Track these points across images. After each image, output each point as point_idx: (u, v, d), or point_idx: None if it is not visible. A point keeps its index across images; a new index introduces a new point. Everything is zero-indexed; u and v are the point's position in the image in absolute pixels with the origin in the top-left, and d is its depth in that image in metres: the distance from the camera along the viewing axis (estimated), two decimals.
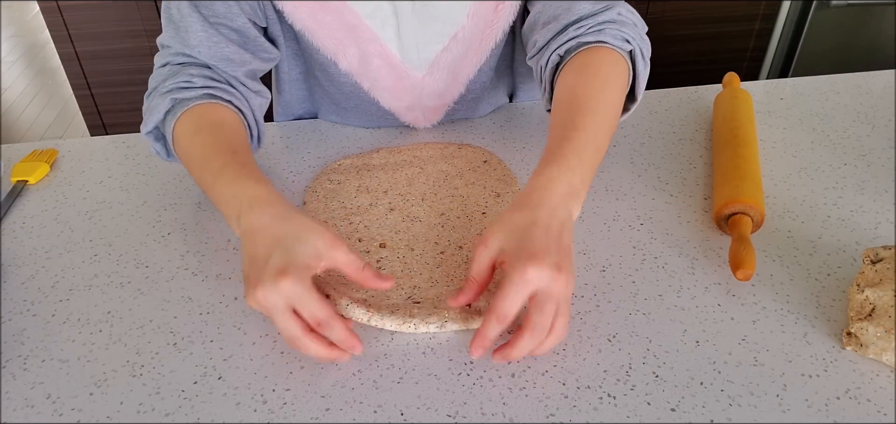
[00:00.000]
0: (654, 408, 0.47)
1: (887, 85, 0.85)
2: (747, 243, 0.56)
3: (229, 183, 0.57)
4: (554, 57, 0.66)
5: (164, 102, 0.64)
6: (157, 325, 0.55)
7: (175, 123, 0.63)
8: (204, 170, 0.60)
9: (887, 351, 0.49)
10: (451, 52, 0.74)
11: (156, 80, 0.66)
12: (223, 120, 0.64)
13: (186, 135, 0.62)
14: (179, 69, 0.65)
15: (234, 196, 0.55)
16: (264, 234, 0.52)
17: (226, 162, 0.58)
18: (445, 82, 0.77)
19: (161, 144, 0.68)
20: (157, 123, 0.65)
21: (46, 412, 0.49)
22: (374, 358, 0.52)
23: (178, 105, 0.63)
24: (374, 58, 0.73)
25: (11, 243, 0.65)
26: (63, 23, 1.65)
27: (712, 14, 1.75)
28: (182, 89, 0.64)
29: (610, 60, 0.63)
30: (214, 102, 0.65)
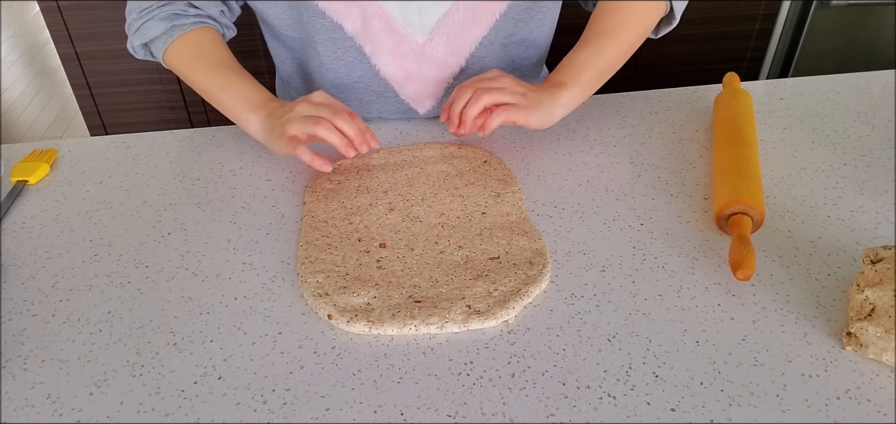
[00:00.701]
0: (654, 408, 0.47)
1: (887, 85, 0.85)
2: (747, 244, 0.56)
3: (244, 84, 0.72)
4: None
5: (162, 25, 0.74)
6: (157, 325, 0.55)
7: (171, 43, 0.74)
8: (212, 78, 0.73)
9: (887, 351, 0.49)
10: (452, 16, 0.75)
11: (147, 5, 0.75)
12: (218, 40, 0.77)
13: (190, 50, 0.75)
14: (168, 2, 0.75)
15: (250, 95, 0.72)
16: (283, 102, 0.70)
17: (236, 71, 0.74)
18: (446, 51, 0.77)
19: (143, 49, 0.77)
20: (153, 39, 0.75)
21: (46, 412, 0.49)
22: (374, 358, 0.52)
23: (175, 28, 0.74)
24: (374, 19, 0.75)
25: (11, 243, 0.65)
26: (63, 23, 1.65)
27: (712, 14, 1.74)
28: (178, 16, 0.75)
29: None
30: (205, 26, 0.76)
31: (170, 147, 0.78)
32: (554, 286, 0.57)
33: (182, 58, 0.75)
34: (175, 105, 1.82)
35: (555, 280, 0.58)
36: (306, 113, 0.66)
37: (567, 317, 0.54)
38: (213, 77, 0.73)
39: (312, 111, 0.66)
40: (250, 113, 0.70)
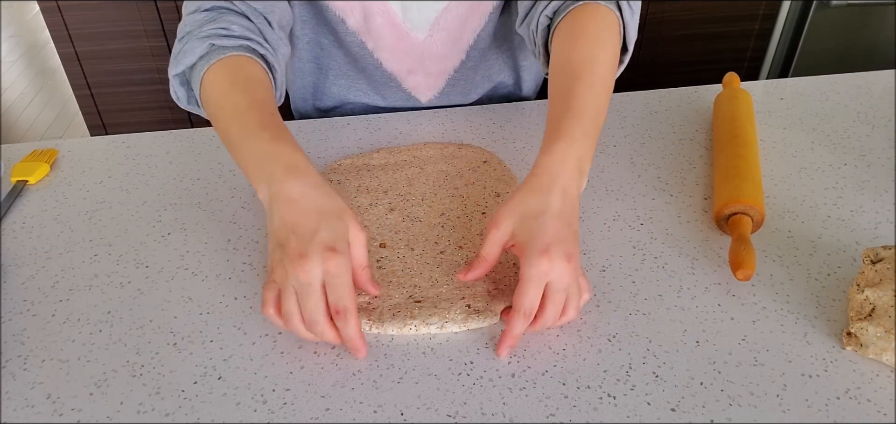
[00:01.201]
0: (654, 408, 0.47)
1: (887, 85, 0.85)
2: (747, 244, 0.56)
3: (266, 144, 0.54)
4: (542, 19, 0.66)
5: (200, 46, 0.62)
6: (157, 325, 0.55)
7: (208, 69, 0.61)
8: (236, 125, 0.57)
9: (887, 351, 0.49)
10: (451, 12, 0.76)
11: (191, 24, 0.64)
12: (259, 78, 0.62)
13: (220, 84, 0.60)
14: (217, 16, 0.63)
15: (269, 158, 0.53)
16: (306, 203, 0.51)
17: (263, 122, 0.56)
18: (446, 47, 0.78)
19: (184, 89, 0.66)
20: (189, 66, 0.63)
21: (46, 412, 0.49)
22: (374, 358, 0.52)
23: (214, 51, 0.62)
24: (376, 16, 0.75)
25: (11, 243, 0.65)
26: (63, 23, 1.65)
27: (712, 14, 1.74)
28: (221, 36, 0.62)
29: (598, 17, 0.62)
30: (250, 56, 0.63)
31: (170, 147, 0.78)
32: None
33: (218, 88, 0.60)
34: (175, 105, 1.82)
35: None
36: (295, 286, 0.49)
37: None
38: (234, 126, 0.57)
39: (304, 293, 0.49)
40: (262, 185, 0.53)
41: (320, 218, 0.50)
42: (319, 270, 0.48)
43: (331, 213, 0.50)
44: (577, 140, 0.54)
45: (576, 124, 0.55)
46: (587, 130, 0.56)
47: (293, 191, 0.51)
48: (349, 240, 0.51)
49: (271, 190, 0.52)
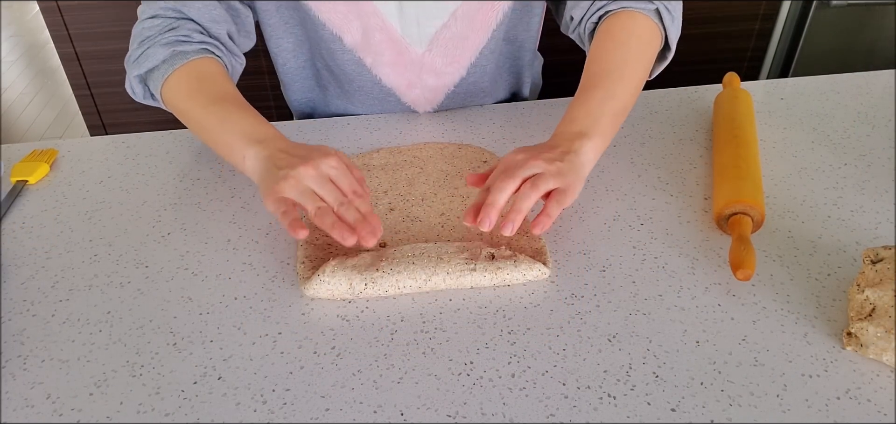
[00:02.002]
0: (654, 408, 0.47)
1: (887, 85, 0.85)
2: (747, 244, 0.56)
3: (246, 118, 0.63)
4: (589, 26, 0.72)
5: (164, 51, 0.68)
6: (157, 325, 0.55)
7: (172, 73, 0.67)
8: (215, 111, 0.65)
9: (887, 351, 0.49)
10: (450, 29, 0.76)
11: (149, 30, 0.69)
12: (222, 71, 0.70)
13: (187, 82, 0.67)
14: (176, 24, 0.69)
15: (253, 128, 0.62)
16: (294, 145, 0.60)
17: (238, 105, 0.65)
18: (445, 62, 0.78)
19: (141, 86, 0.71)
20: (151, 68, 0.69)
21: (46, 412, 0.49)
22: (374, 358, 0.52)
23: (177, 56, 0.68)
24: (375, 32, 0.75)
25: (11, 243, 0.65)
26: (63, 23, 1.65)
27: (712, 14, 1.74)
28: (182, 43, 0.68)
29: (632, 22, 0.68)
30: (211, 57, 0.70)
31: (170, 147, 0.78)
32: (554, 286, 0.57)
33: (180, 92, 0.67)
34: None
35: (555, 280, 0.58)
36: (310, 183, 0.56)
37: (567, 317, 0.54)
38: (210, 111, 0.65)
39: (317, 186, 0.56)
40: (249, 147, 0.61)
41: (308, 146, 0.60)
42: (325, 166, 0.57)
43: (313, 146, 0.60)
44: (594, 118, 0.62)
45: (596, 106, 0.63)
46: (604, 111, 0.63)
47: (281, 144, 0.60)
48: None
49: (261, 146, 0.60)
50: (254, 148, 0.60)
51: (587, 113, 0.62)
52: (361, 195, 0.57)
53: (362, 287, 0.56)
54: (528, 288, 0.57)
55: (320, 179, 0.56)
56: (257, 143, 0.60)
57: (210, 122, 0.65)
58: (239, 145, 0.62)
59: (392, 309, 0.56)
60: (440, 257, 0.57)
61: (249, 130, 0.62)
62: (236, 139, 0.62)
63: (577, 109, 0.63)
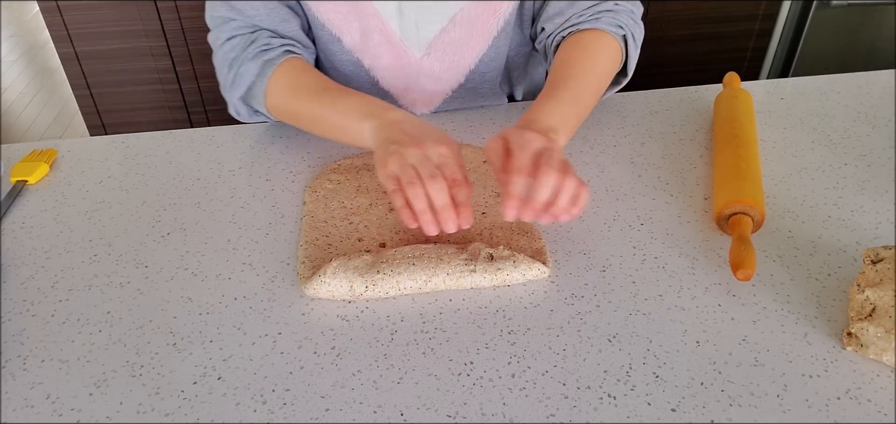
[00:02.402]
0: (654, 409, 0.47)
1: (887, 85, 0.85)
2: (747, 244, 0.56)
3: (352, 98, 0.67)
4: (557, 38, 0.75)
5: (254, 65, 0.71)
6: (156, 325, 0.55)
7: (269, 80, 0.71)
8: (316, 103, 0.69)
9: (887, 351, 0.49)
10: (449, 34, 0.76)
11: (232, 51, 0.72)
12: (308, 67, 0.73)
13: (286, 84, 0.71)
14: (252, 37, 0.72)
15: (361, 104, 0.66)
16: (412, 120, 0.62)
17: (340, 89, 0.69)
18: (443, 66, 0.78)
19: (245, 107, 0.75)
20: (248, 87, 0.72)
21: (46, 412, 0.49)
22: (374, 359, 0.52)
23: (268, 65, 0.71)
24: (374, 33, 0.76)
25: (11, 243, 0.65)
26: (63, 23, 1.65)
27: (712, 14, 1.74)
28: (265, 52, 0.71)
29: (601, 40, 0.72)
30: (294, 56, 0.73)
31: (170, 147, 0.78)
32: (554, 285, 0.57)
33: (283, 96, 0.71)
34: (175, 105, 1.82)
35: (555, 280, 0.58)
36: (413, 161, 0.57)
37: (567, 317, 0.54)
38: (317, 102, 0.68)
39: (419, 164, 0.56)
40: (363, 123, 0.64)
41: (428, 126, 0.61)
42: (434, 151, 0.57)
43: (434, 126, 0.62)
44: (557, 107, 0.64)
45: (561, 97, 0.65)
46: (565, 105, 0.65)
47: (397, 115, 0.63)
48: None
49: (377, 119, 0.63)
50: (368, 122, 0.63)
51: (558, 109, 0.64)
52: (461, 184, 0.57)
53: (363, 289, 0.56)
54: (528, 288, 0.57)
55: (425, 159, 0.57)
56: (370, 117, 0.63)
57: (321, 112, 0.68)
58: (354, 124, 0.65)
59: (392, 309, 0.56)
60: (440, 258, 0.57)
61: (359, 106, 0.65)
62: (350, 120, 0.65)
63: (549, 104, 0.64)
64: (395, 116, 0.63)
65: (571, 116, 0.65)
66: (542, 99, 0.65)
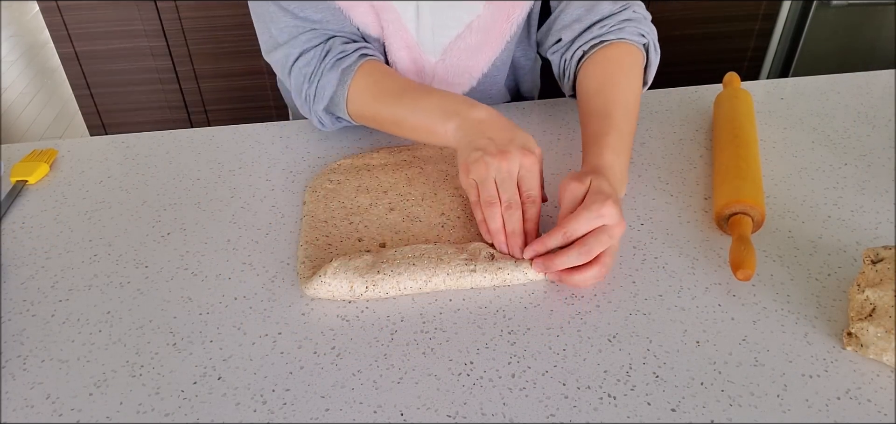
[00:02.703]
0: (654, 409, 0.47)
1: (887, 85, 0.85)
2: (748, 244, 0.56)
3: (438, 97, 0.66)
4: (578, 52, 0.73)
5: (332, 75, 0.71)
6: (156, 325, 0.55)
7: (349, 88, 0.71)
8: (402, 103, 0.67)
9: (888, 352, 0.49)
10: (465, 40, 0.76)
11: (308, 65, 0.72)
12: (384, 68, 0.73)
13: (367, 89, 0.70)
14: (325, 46, 0.72)
15: (447, 102, 0.65)
16: (499, 122, 0.61)
17: (423, 89, 0.68)
18: (457, 72, 0.78)
19: (329, 116, 0.74)
20: (330, 97, 0.72)
21: (46, 412, 0.49)
22: (374, 358, 0.52)
23: (346, 72, 0.71)
24: (394, 36, 0.76)
25: (11, 243, 0.65)
26: (62, 23, 1.65)
27: (712, 14, 1.74)
28: (341, 59, 0.71)
29: (630, 54, 0.71)
30: (367, 58, 0.72)
31: (169, 147, 0.78)
32: (554, 286, 0.57)
33: (365, 101, 0.70)
34: (175, 105, 1.82)
35: (555, 280, 0.58)
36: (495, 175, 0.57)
37: (567, 317, 0.54)
38: (399, 104, 0.68)
39: (501, 179, 0.57)
40: (447, 123, 0.63)
41: (513, 130, 0.60)
42: (517, 163, 0.57)
43: (516, 126, 0.61)
44: (618, 152, 0.62)
45: (616, 138, 0.63)
46: (623, 144, 0.64)
47: (484, 115, 0.62)
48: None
49: (461, 118, 0.62)
50: (452, 122, 0.63)
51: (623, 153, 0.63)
52: (535, 202, 0.58)
53: (363, 289, 0.56)
54: (528, 288, 0.57)
55: (508, 176, 0.57)
56: (454, 116, 0.63)
57: (403, 113, 0.67)
58: (438, 124, 0.64)
59: (392, 309, 0.56)
60: (440, 258, 0.57)
61: (441, 105, 0.65)
62: (433, 119, 0.64)
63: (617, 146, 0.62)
64: (480, 115, 0.62)
65: (627, 156, 0.64)
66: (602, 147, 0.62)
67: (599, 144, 0.63)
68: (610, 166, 0.60)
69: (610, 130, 0.63)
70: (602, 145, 0.62)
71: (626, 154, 0.64)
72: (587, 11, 0.73)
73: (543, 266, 0.56)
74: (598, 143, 0.63)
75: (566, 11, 0.74)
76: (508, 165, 0.57)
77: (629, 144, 0.65)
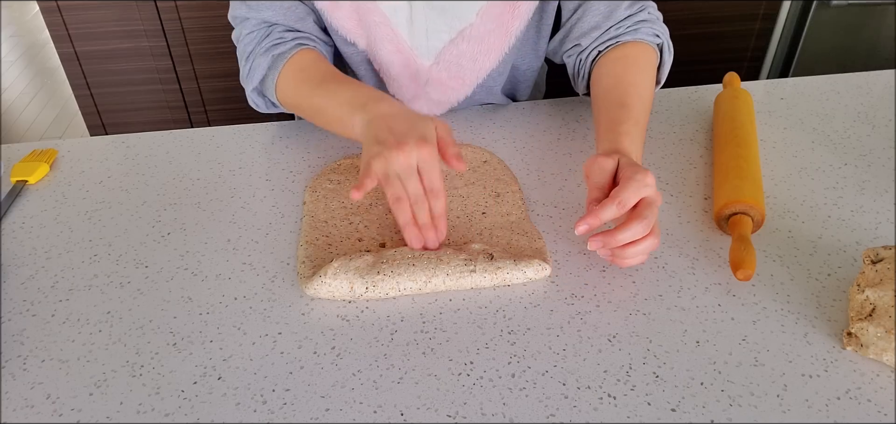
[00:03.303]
0: (654, 408, 0.47)
1: (887, 85, 0.85)
2: (747, 244, 0.56)
3: (352, 90, 0.66)
4: (594, 52, 0.75)
5: (265, 59, 0.73)
6: (157, 325, 0.55)
7: (279, 74, 0.72)
8: (320, 93, 0.69)
9: (887, 352, 0.49)
10: (458, 46, 0.76)
11: (249, 44, 0.74)
12: (319, 57, 0.74)
13: (293, 78, 0.72)
14: (268, 30, 0.74)
15: (358, 96, 0.65)
16: (398, 114, 0.61)
17: (338, 80, 0.69)
18: (451, 77, 0.78)
19: (262, 98, 0.77)
20: (261, 79, 0.74)
21: (46, 412, 0.49)
22: (374, 358, 0.52)
23: (278, 59, 0.72)
24: (385, 42, 0.76)
25: (11, 243, 0.65)
26: (63, 23, 1.65)
27: (712, 14, 1.74)
28: (277, 45, 0.73)
29: (645, 53, 0.73)
30: (305, 48, 0.74)
31: (170, 147, 0.78)
32: (554, 285, 0.57)
33: (289, 88, 0.72)
34: (175, 105, 1.82)
35: (555, 280, 0.58)
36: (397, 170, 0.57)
37: (567, 317, 0.54)
38: (318, 94, 0.69)
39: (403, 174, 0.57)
40: (354, 116, 0.63)
41: (411, 120, 0.60)
42: (415, 156, 0.57)
43: (418, 117, 0.60)
44: (633, 140, 0.62)
45: (633, 127, 0.63)
46: (638, 134, 0.64)
47: (387, 108, 0.62)
48: (436, 131, 0.60)
49: (367, 113, 0.62)
50: (358, 115, 0.63)
51: (638, 138, 0.64)
52: (437, 195, 0.58)
53: (363, 290, 0.56)
54: (528, 288, 0.57)
55: (408, 169, 0.57)
56: (361, 109, 0.63)
57: (321, 102, 0.68)
58: (347, 116, 0.64)
59: (392, 309, 0.56)
60: (440, 259, 0.57)
61: (352, 98, 0.65)
62: (345, 111, 0.65)
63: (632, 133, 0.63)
64: (384, 109, 0.62)
65: (642, 146, 0.64)
66: (618, 137, 0.62)
67: (615, 131, 0.63)
68: (627, 153, 0.60)
69: (626, 118, 0.64)
70: (618, 132, 0.62)
71: (640, 145, 0.64)
72: (605, 18, 0.73)
73: (603, 243, 0.55)
74: (614, 130, 0.63)
75: (584, 19, 0.75)
76: (406, 158, 0.57)
77: (642, 138, 0.65)
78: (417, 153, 0.57)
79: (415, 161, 0.57)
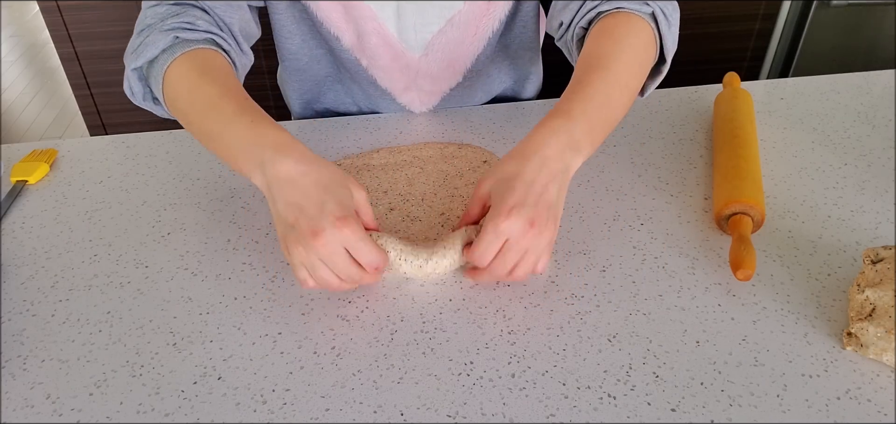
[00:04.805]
0: (654, 408, 0.47)
1: (887, 85, 0.85)
2: (747, 244, 0.56)
3: (248, 128, 0.54)
4: (578, 31, 0.67)
5: (164, 38, 0.60)
6: (156, 325, 0.55)
7: (172, 62, 0.59)
8: (213, 115, 0.56)
9: (887, 352, 0.49)
10: (446, 35, 0.76)
11: (152, 17, 0.62)
12: (227, 68, 0.61)
13: (188, 76, 0.59)
14: (181, 10, 0.62)
15: (255, 142, 0.54)
16: (305, 180, 0.52)
17: (241, 107, 0.56)
18: (441, 67, 0.78)
19: (141, 85, 0.64)
20: (150, 60, 0.61)
21: (46, 412, 0.49)
22: (374, 358, 0.52)
23: (178, 44, 0.60)
24: (372, 36, 0.75)
25: (11, 243, 0.65)
26: (63, 23, 1.65)
27: (712, 14, 1.74)
28: (185, 29, 0.61)
29: (627, 23, 0.62)
30: (216, 49, 0.62)
31: (170, 147, 0.78)
32: (554, 285, 0.57)
33: (182, 86, 0.59)
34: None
35: (555, 280, 0.58)
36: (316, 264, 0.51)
37: (567, 317, 0.54)
38: (214, 113, 0.56)
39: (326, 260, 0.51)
40: (255, 172, 0.54)
41: (323, 191, 0.51)
42: (337, 241, 0.50)
43: (330, 183, 0.52)
44: (574, 118, 0.55)
45: (577, 105, 0.56)
46: (589, 112, 0.56)
47: (289, 170, 0.52)
48: (354, 203, 0.54)
49: (267, 174, 0.53)
50: (258, 173, 0.53)
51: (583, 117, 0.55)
52: (378, 269, 0.53)
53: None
54: (528, 288, 0.57)
55: (330, 256, 0.50)
56: (260, 167, 0.53)
57: (213, 128, 0.56)
58: (243, 163, 0.54)
59: (392, 309, 0.56)
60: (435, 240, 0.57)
61: (252, 145, 0.54)
62: (240, 157, 0.54)
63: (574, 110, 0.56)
64: (285, 169, 0.52)
65: (598, 123, 0.56)
66: (557, 111, 0.56)
67: (555, 110, 0.56)
68: (550, 133, 0.54)
69: (573, 94, 0.57)
70: (556, 111, 0.56)
71: (590, 119, 0.56)
72: None
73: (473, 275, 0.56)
74: (555, 109, 0.57)
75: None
76: (326, 248, 0.49)
77: (598, 110, 0.57)
78: (339, 235, 0.50)
79: (338, 246, 0.50)
